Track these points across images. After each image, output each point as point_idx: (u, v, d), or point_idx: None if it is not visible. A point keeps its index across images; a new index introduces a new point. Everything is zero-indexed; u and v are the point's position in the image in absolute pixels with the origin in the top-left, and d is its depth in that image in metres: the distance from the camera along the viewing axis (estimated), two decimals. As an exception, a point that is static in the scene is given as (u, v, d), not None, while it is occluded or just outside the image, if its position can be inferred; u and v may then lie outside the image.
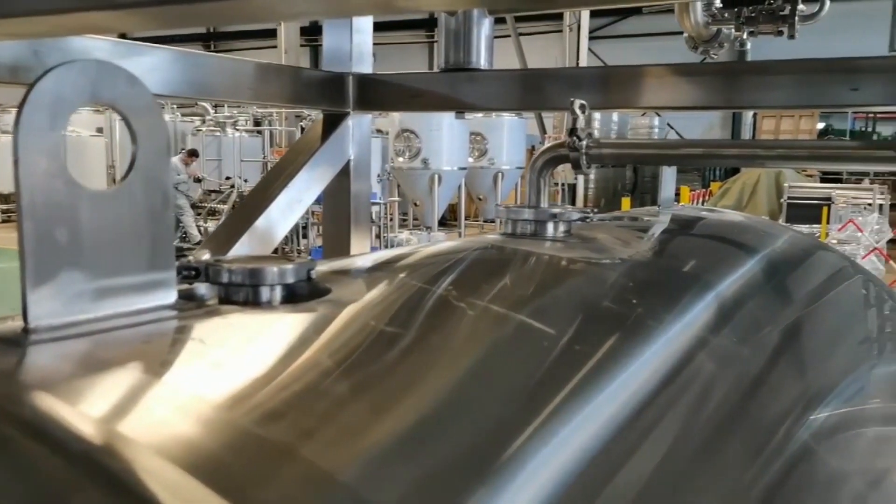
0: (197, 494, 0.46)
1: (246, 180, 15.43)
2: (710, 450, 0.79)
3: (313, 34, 21.35)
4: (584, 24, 22.13)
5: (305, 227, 13.67)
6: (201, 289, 0.81)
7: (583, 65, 19.22)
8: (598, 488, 0.63)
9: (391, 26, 23.44)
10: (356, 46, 2.59)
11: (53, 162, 0.66)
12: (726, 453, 0.81)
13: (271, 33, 19.52)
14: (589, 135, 1.55)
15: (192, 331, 0.72)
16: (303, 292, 0.81)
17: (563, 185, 19.72)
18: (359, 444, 0.55)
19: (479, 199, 16.60)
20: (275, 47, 18.36)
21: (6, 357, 0.63)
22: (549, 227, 1.37)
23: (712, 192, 17.51)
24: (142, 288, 0.72)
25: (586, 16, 21.91)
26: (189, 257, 0.87)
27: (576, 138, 1.53)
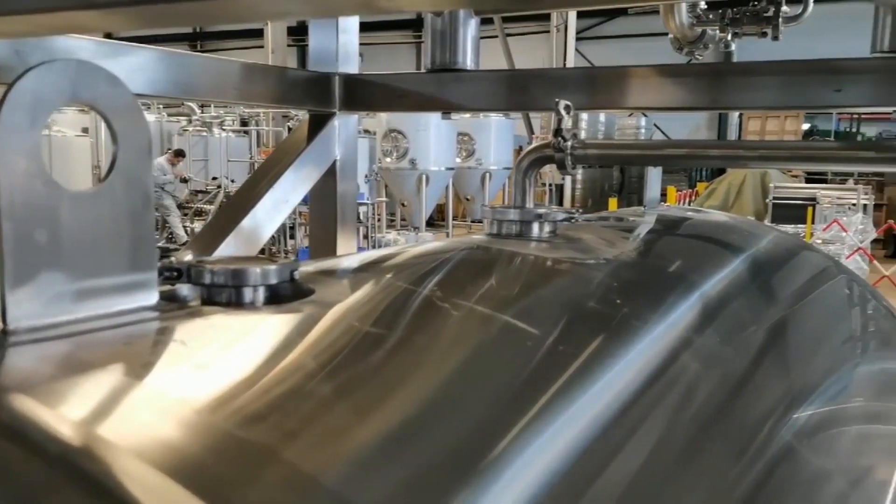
0: (178, 498, 0.46)
1: (233, 181, 15.36)
2: (694, 449, 0.80)
3: (300, 34, 21.29)
4: (572, 25, 22.20)
5: (293, 228, 13.64)
6: (184, 290, 0.81)
7: (570, 65, 19.28)
8: (582, 489, 0.63)
9: (379, 26, 23.42)
10: (342, 46, 2.58)
11: (33, 162, 0.65)
12: (710, 453, 0.82)
13: (258, 33, 19.45)
14: (574, 135, 1.56)
15: (173, 332, 0.72)
16: (286, 293, 0.81)
17: (551, 185, 19.78)
18: (341, 446, 0.55)
19: (467, 199, 16.62)
20: (262, 47, 18.29)
21: None
22: (535, 227, 1.37)
23: (699, 192, 17.60)
24: (123, 289, 0.72)
25: (573, 17, 21.97)
26: (171, 258, 0.87)
27: (561, 139, 1.53)
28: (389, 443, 0.57)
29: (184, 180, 16.31)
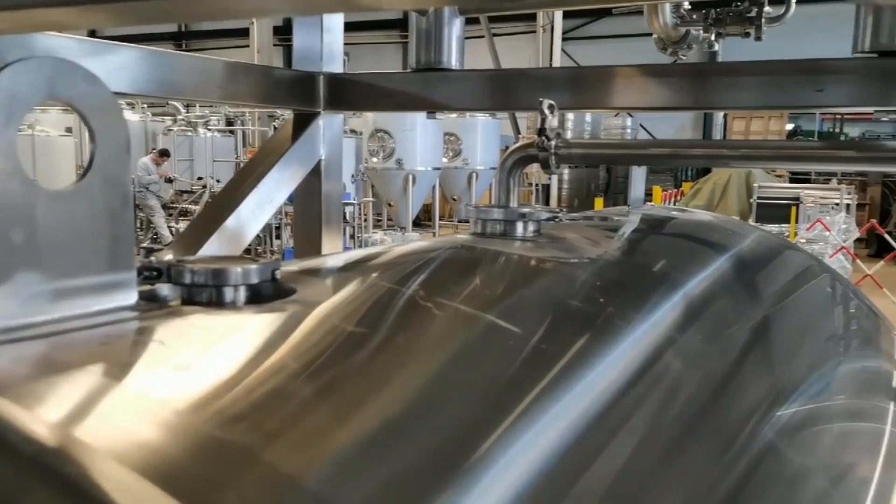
0: (155, 500, 0.45)
1: (218, 181, 15.29)
2: (676, 448, 0.80)
3: (287, 34, 21.16)
4: (558, 25, 22.26)
5: (279, 228, 13.59)
6: (164, 290, 0.80)
7: (556, 65, 19.32)
8: (565, 488, 0.63)
9: (365, 26, 23.35)
10: (327, 46, 2.57)
11: (9, 161, 0.65)
12: (692, 451, 0.82)
13: (244, 33, 19.35)
14: (558, 135, 1.56)
15: (152, 332, 0.71)
16: (267, 293, 0.80)
17: (537, 185, 19.82)
18: (321, 447, 0.54)
19: (454, 199, 16.61)
20: (247, 47, 18.20)
21: None
22: (519, 226, 1.37)
23: (684, 192, 17.69)
24: (101, 289, 0.71)
25: (559, 17, 22.03)
26: (151, 257, 0.86)
27: (545, 138, 1.53)
28: (370, 443, 0.56)
29: (168, 180, 16.21)
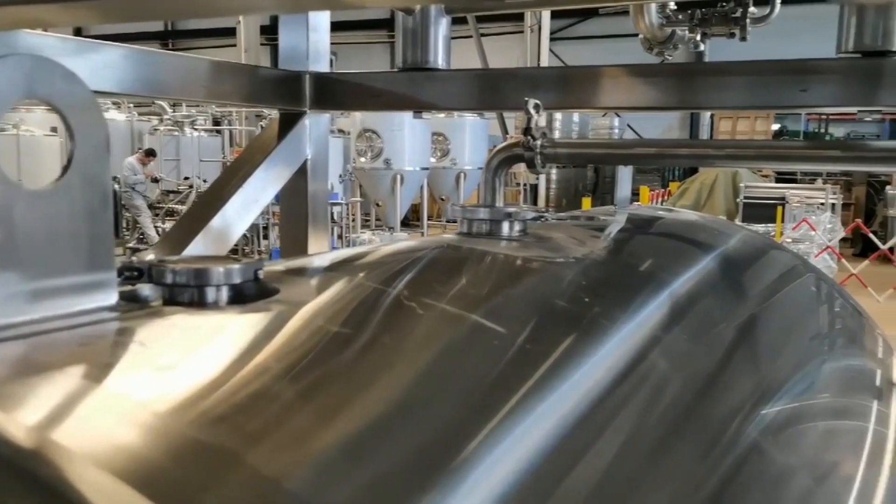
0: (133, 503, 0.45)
1: (205, 180, 15.21)
2: (662, 447, 0.80)
3: (274, 33, 21.05)
4: (546, 26, 22.28)
5: (266, 228, 13.54)
6: (145, 290, 0.79)
7: (544, 65, 19.34)
8: (551, 488, 0.63)
9: (352, 26, 23.29)
10: (313, 45, 2.56)
11: (-15, 159, 0.64)
12: (677, 450, 0.82)
13: (231, 32, 19.24)
14: (543, 134, 1.56)
15: (132, 332, 0.71)
16: (250, 293, 0.80)
17: (525, 185, 19.85)
18: (303, 449, 0.54)
19: (442, 199, 16.61)
20: (234, 46, 18.12)
21: None
22: (505, 226, 1.37)
23: (671, 192, 17.77)
24: (80, 289, 0.71)
25: (547, 17, 22.07)
26: (133, 258, 0.85)
27: (530, 138, 1.53)
28: (353, 445, 0.56)
29: (155, 180, 16.14)
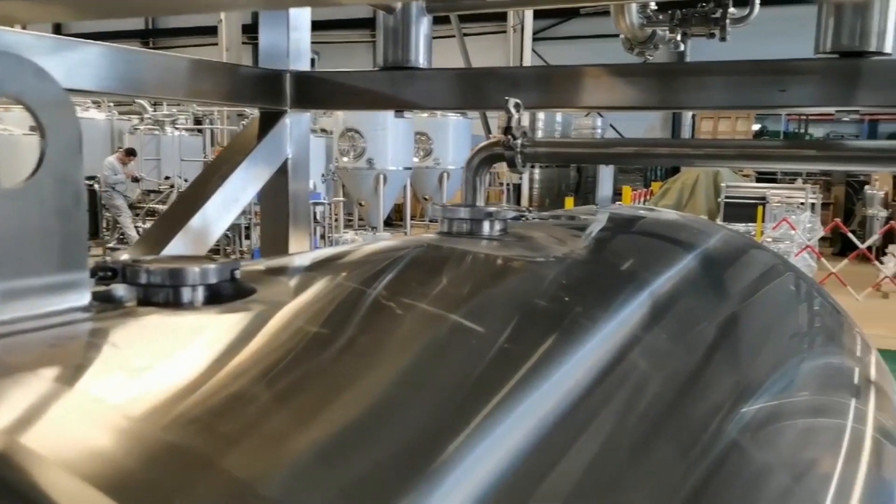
0: None
1: (186, 180, 15.10)
2: (642, 446, 0.80)
3: (255, 32, 20.94)
4: (528, 26, 22.34)
5: (248, 228, 13.47)
6: (119, 290, 0.78)
7: (526, 65, 19.39)
8: (530, 488, 0.62)
9: (334, 25, 23.23)
10: (293, 43, 2.55)
11: (-47, 157, 0.63)
12: (657, 449, 0.82)
13: (212, 31, 19.12)
14: (524, 133, 1.56)
15: (105, 333, 0.70)
16: (226, 293, 0.79)
17: (508, 184, 19.89)
18: (276, 451, 0.53)
19: (425, 199, 16.59)
20: (216, 45, 18.01)
21: None
22: (485, 225, 1.37)
23: (653, 191, 17.87)
24: (52, 289, 0.69)
25: (530, 17, 22.12)
26: (107, 257, 0.84)
27: (511, 137, 1.53)
28: (329, 447, 0.55)
29: (135, 180, 16.02)
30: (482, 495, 0.57)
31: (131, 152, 16.00)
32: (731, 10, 2.61)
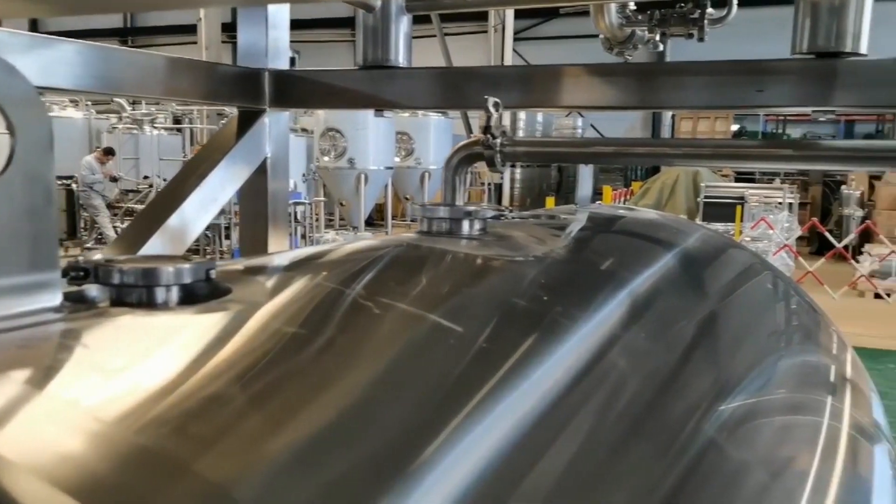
0: None
1: (165, 179, 14.98)
2: (621, 445, 0.80)
3: (235, 30, 20.80)
4: (509, 25, 22.38)
5: (228, 228, 13.38)
6: (92, 291, 0.77)
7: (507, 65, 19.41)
8: (505, 489, 0.62)
9: (315, 24, 23.14)
10: (272, 42, 2.53)
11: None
12: (636, 448, 0.82)
13: (192, 29, 18.96)
14: (503, 133, 1.56)
15: (75, 334, 0.68)
16: (201, 293, 0.78)
17: (490, 184, 19.91)
18: (248, 454, 0.52)
19: (407, 198, 16.58)
20: (195, 43, 17.86)
21: None
22: (465, 224, 1.37)
23: (634, 191, 17.97)
24: (22, 290, 0.68)
25: (511, 17, 22.16)
26: (79, 257, 0.83)
27: (490, 136, 1.53)
28: (304, 449, 0.55)
29: (113, 179, 15.87)
30: (456, 496, 0.56)
31: (109, 151, 15.85)
32: (710, 10, 2.63)
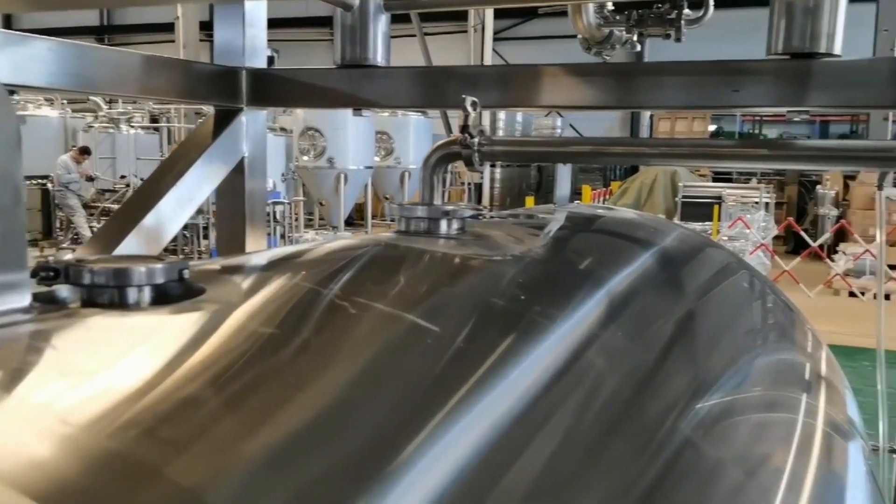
0: None
1: (142, 179, 14.83)
2: (597, 444, 0.80)
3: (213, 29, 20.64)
4: (489, 25, 22.42)
5: (206, 228, 13.29)
6: (63, 291, 0.76)
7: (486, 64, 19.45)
8: (485, 487, 0.62)
9: (294, 23, 23.01)
10: (249, 40, 2.51)
11: None
12: (612, 447, 0.82)
13: (169, 27, 18.79)
14: (481, 132, 1.55)
15: (45, 335, 0.67)
16: (174, 293, 0.77)
17: (469, 184, 19.93)
18: (222, 457, 0.52)
19: (386, 198, 16.54)
20: (173, 42, 17.71)
21: None
22: (443, 224, 1.37)
23: (613, 191, 18.07)
24: None
25: (490, 17, 22.20)
26: (49, 258, 0.82)
27: (468, 135, 1.53)
28: (276, 451, 0.54)
29: (90, 179, 15.71)
30: (432, 496, 0.56)
31: (85, 151, 15.68)
32: (686, 11, 2.64)
